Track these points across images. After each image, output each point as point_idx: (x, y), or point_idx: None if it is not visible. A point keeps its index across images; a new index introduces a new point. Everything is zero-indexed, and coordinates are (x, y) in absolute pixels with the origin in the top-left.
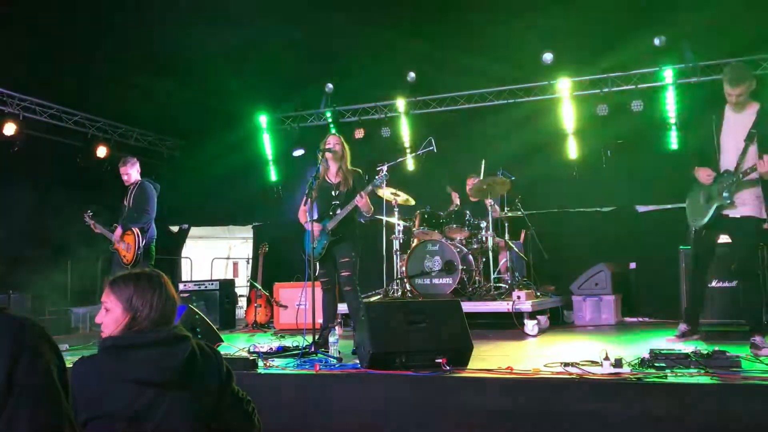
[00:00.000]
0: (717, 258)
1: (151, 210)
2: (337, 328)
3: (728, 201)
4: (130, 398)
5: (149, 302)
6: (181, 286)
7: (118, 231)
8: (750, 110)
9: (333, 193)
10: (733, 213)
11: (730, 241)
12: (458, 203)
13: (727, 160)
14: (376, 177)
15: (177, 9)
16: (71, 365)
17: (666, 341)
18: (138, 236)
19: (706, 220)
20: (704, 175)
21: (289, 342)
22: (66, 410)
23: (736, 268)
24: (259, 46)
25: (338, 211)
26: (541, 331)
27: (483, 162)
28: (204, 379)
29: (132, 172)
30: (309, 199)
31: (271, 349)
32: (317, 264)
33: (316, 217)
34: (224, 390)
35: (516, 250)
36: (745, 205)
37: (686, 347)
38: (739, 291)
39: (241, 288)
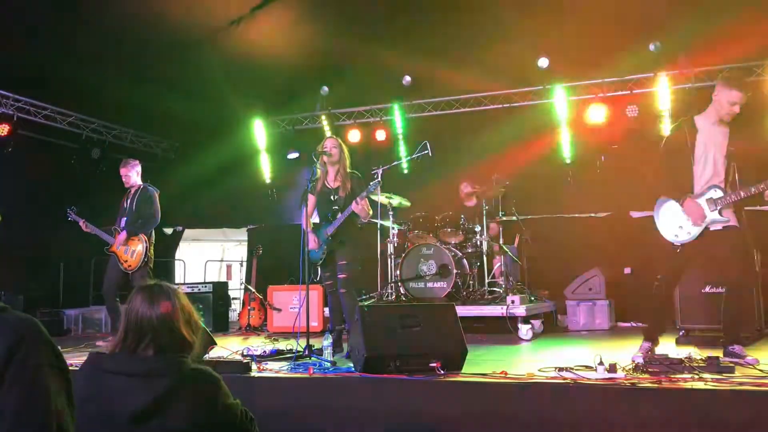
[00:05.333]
0: (710, 264)
1: (158, 216)
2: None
3: (725, 219)
4: (89, 421)
5: (128, 314)
6: None
7: (122, 235)
8: (726, 126)
9: (332, 197)
10: (715, 226)
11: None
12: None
13: (706, 173)
14: (370, 183)
15: (174, 12)
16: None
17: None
18: (146, 243)
19: (694, 236)
20: (692, 208)
21: (282, 345)
22: (56, 410)
23: (730, 280)
24: (255, 48)
25: (338, 216)
26: (535, 336)
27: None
28: (176, 421)
29: (132, 175)
30: (305, 205)
31: (264, 352)
32: (319, 268)
33: (317, 221)
34: (209, 428)
35: (510, 254)
36: (728, 218)
37: (680, 353)
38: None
39: (235, 291)
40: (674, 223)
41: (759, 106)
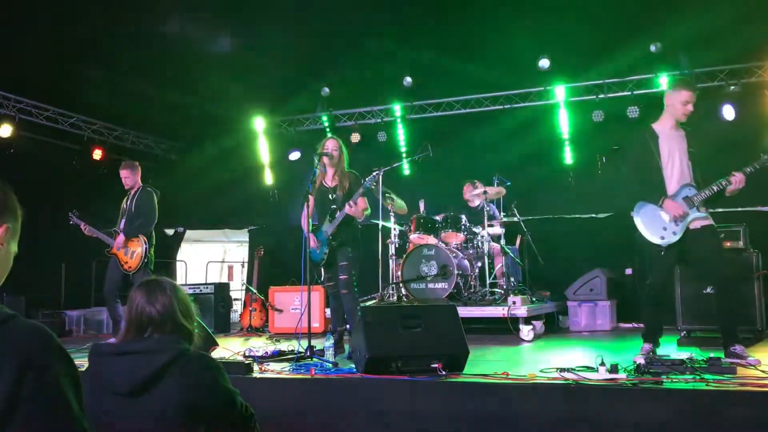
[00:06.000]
0: (695, 263)
1: (155, 217)
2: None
3: (703, 214)
4: (98, 404)
5: (129, 309)
6: None
7: (121, 237)
8: (683, 129)
9: (330, 197)
10: (693, 225)
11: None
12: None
13: (675, 175)
14: (365, 181)
15: (175, 13)
16: None
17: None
18: (146, 245)
19: (680, 235)
20: (673, 206)
21: (284, 346)
22: (78, 421)
23: (716, 277)
24: (255, 49)
25: (336, 215)
26: (537, 337)
27: (476, 182)
28: (175, 394)
29: (132, 176)
30: (306, 205)
31: (266, 353)
32: (321, 269)
33: (316, 222)
34: (209, 411)
35: (512, 255)
36: (705, 214)
37: (682, 353)
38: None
39: (236, 291)
40: (658, 225)
41: (759, 106)
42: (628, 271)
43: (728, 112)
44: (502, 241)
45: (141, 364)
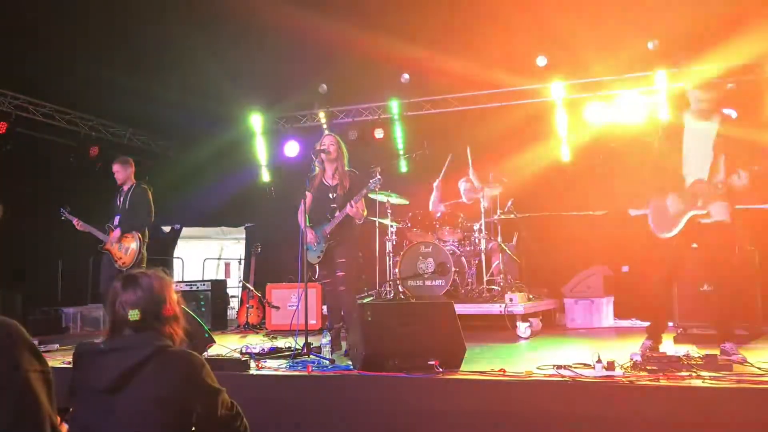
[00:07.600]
0: (701, 259)
1: (153, 215)
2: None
3: (704, 210)
4: (83, 403)
5: (108, 303)
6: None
7: (116, 232)
8: (714, 120)
9: (330, 195)
10: (705, 220)
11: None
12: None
13: (693, 168)
14: (370, 182)
15: (171, 9)
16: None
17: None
18: (140, 241)
19: (678, 228)
20: (674, 199)
21: (281, 343)
22: (48, 415)
23: (721, 277)
24: (252, 46)
25: (336, 214)
26: (534, 334)
27: (468, 149)
28: (150, 391)
29: (123, 171)
30: (303, 202)
31: (263, 350)
32: (317, 266)
33: (314, 219)
34: (190, 408)
35: (509, 252)
36: (717, 212)
37: (679, 350)
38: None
39: (233, 289)
40: (663, 219)
41: (758, 105)
42: (625, 268)
43: (729, 113)
44: (499, 238)
45: (118, 361)
